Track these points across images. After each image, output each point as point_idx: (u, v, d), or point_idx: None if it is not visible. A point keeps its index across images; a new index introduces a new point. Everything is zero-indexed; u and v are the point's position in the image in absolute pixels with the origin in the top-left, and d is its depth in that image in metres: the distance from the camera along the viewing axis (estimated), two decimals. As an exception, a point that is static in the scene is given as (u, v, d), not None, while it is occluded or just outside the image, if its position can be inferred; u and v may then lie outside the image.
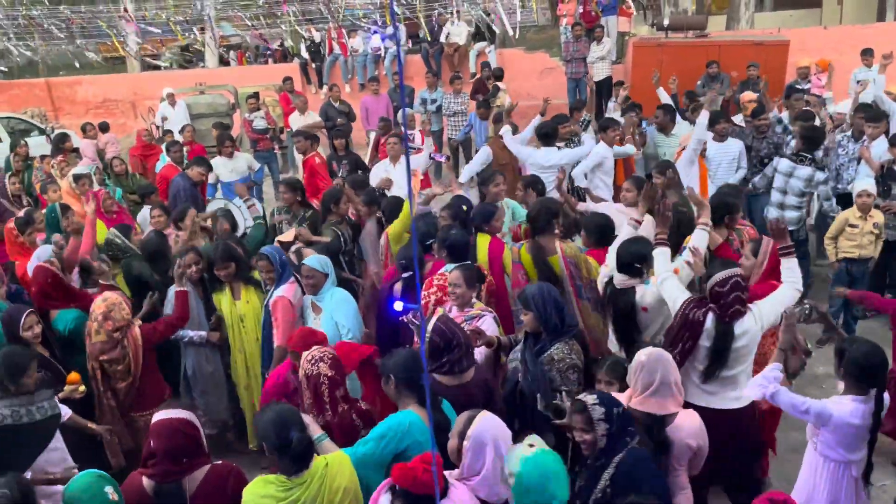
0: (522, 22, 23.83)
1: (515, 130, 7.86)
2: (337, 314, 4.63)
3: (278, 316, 4.73)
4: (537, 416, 3.63)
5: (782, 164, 6.72)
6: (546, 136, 7.15)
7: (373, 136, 9.98)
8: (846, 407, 3.32)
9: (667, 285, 3.94)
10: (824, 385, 5.33)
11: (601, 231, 4.91)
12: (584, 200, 6.34)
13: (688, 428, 3.32)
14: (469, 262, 4.60)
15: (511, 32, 13.88)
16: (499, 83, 11.91)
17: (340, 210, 6.05)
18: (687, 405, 3.51)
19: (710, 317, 3.73)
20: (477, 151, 11.08)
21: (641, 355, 3.31)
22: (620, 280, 4.18)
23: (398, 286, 4.67)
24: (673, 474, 3.32)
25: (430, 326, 3.52)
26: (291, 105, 11.66)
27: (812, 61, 10.33)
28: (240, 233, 6.46)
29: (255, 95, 11.50)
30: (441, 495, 2.63)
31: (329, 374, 3.42)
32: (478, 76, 12.32)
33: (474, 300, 4.31)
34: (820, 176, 6.59)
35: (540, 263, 4.66)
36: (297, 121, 10.95)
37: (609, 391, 3.42)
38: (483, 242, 5.09)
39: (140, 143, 10.13)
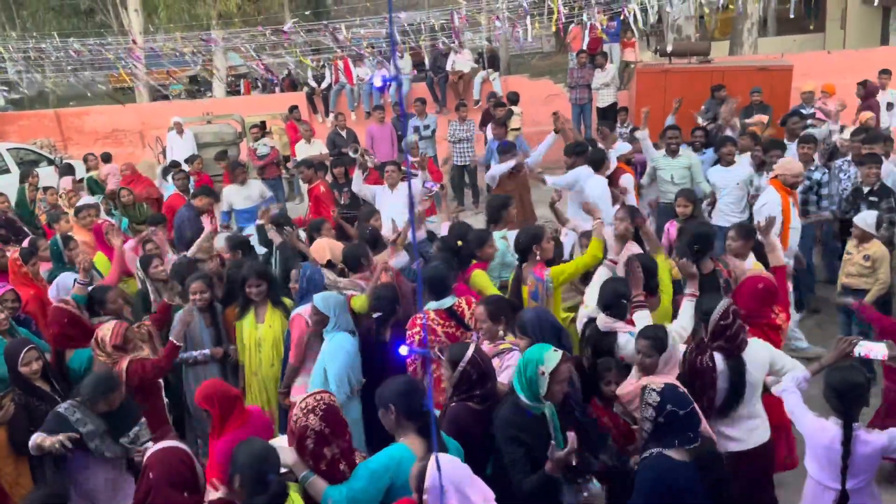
0: (527, 49, 24.11)
1: None
2: (328, 363, 4.42)
3: (294, 334, 4.72)
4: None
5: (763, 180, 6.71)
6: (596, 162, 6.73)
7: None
8: (818, 426, 3.39)
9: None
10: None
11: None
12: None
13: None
14: (494, 295, 4.54)
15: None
16: (513, 107, 12.00)
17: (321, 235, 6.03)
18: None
19: (719, 357, 3.70)
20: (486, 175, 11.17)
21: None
22: (604, 321, 4.11)
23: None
24: None
25: (466, 356, 3.45)
26: (298, 134, 11.75)
27: (816, 86, 10.34)
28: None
29: (261, 125, 11.59)
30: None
31: (317, 429, 3.01)
32: (484, 106, 12.38)
33: (503, 333, 4.15)
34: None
35: (514, 292, 4.69)
36: (303, 149, 11.03)
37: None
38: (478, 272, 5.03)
39: (125, 177, 10.15)
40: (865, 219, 5.80)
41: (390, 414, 3.14)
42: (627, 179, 6.86)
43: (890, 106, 10.31)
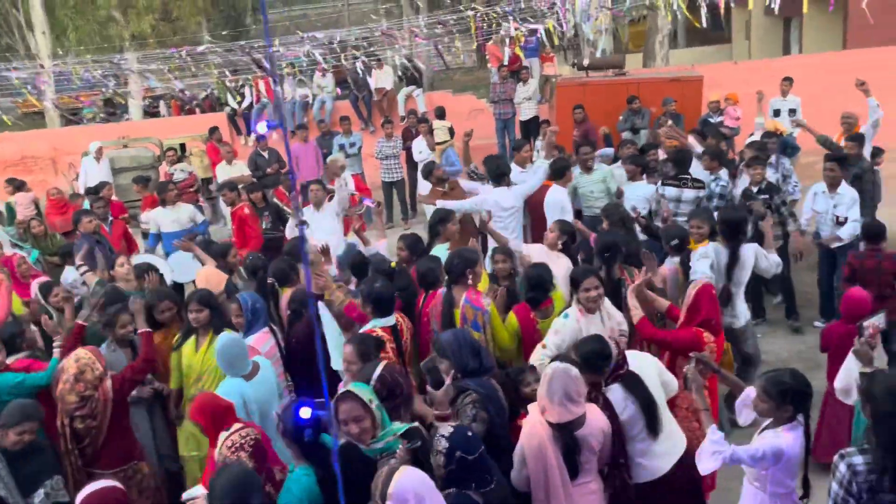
0: (449, 64, 24.35)
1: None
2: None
3: None
4: None
5: (668, 191, 6.97)
6: (501, 175, 6.93)
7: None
8: (788, 438, 3.31)
9: None
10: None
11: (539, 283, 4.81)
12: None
13: (593, 424, 3.45)
14: (363, 333, 4.29)
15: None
16: (441, 121, 12.10)
17: (228, 263, 5.97)
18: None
19: (615, 388, 3.66)
20: (410, 190, 11.26)
21: (549, 369, 3.40)
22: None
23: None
24: (584, 475, 3.44)
25: (375, 375, 3.44)
26: (219, 155, 11.51)
27: (722, 95, 10.83)
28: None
29: (179, 148, 11.31)
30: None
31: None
32: (405, 125, 12.45)
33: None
34: (701, 193, 6.92)
35: (445, 315, 4.60)
36: (224, 171, 10.80)
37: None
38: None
39: (50, 202, 9.76)
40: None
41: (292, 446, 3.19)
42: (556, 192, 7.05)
43: (792, 112, 10.85)
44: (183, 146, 13.13)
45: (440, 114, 12.43)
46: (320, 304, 4.57)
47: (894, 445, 2.85)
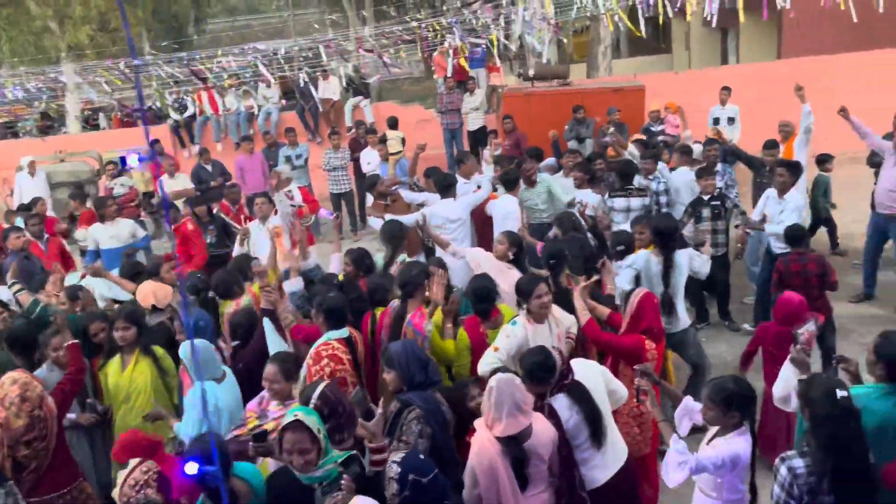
0: (397, 75, 24.33)
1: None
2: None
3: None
4: None
5: (617, 202, 7.18)
6: (448, 187, 6.99)
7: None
8: (740, 443, 3.34)
9: None
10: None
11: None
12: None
13: (541, 434, 3.44)
14: (283, 352, 4.25)
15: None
16: (394, 131, 12.10)
17: (162, 280, 5.79)
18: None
19: (560, 397, 3.67)
20: (359, 202, 11.19)
21: (493, 381, 3.38)
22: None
23: None
24: (534, 486, 3.43)
25: (316, 393, 3.38)
26: (161, 169, 11.24)
27: (662, 104, 11.08)
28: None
29: (118, 161, 11.01)
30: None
31: (158, 500, 2.98)
32: (353, 135, 12.38)
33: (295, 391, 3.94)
34: (647, 201, 7.18)
35: (395, 327, 4.55)
36: (166, 185, 10.55)
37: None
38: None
39: None
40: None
41: None
42: (489, 204, 7.11)
43: (731, 120, 11.16)
44: (123, 159, 12.78)
45: (393, 124, 12.45)
46: (265, 320, 4.48)
47: (833, 448, 2.92)
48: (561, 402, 3.64)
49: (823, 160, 8.75)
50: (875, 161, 8.38)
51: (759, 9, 11.32)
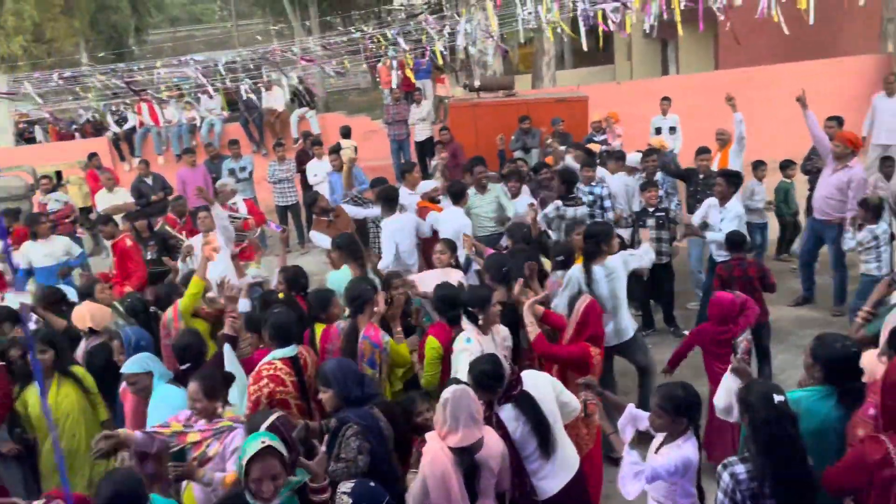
0: (343, 86, 24.21)
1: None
2: (152, 419, 4.08)
3: (126, 409, 4.32)
4: None
5: (569, 211, 7.25)
6: (390, 200, 6.98)
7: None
8: (689, 448, 3.38)
9: None
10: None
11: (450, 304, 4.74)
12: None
13: (491, 447, 3.43)
14: (209, 368, 4.14)
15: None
16: (347, 140, 12.00)
17: (98, 301, 5.66)
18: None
19: (508, 408, 3.64)
20: (306, 215, 11.03)
21: (446, 393, 3.36)
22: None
23: None
24: (483, 499, 3.42)
25: (266, 424, 3.29)
26: (100, 182, 10.91)
27: (603, 114, 11.26)
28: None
29: (53, 175, 10.65)
30: None
31: None
32: (300, 147, 12.23)
33: (222, 409, 3.84)
34: (586, 210, 7.29)
35: (347, 349, 4.42)
36: (105, 199, 10.25)
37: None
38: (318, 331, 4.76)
39: None
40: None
41: None
42: (433, 217, 7.16)
43: (672, 130, 11.41)
44: (59, 174, 12.40)
45: (346, 133, 12.39)
46: (226, 346, 4.36)
47: (771, 452, 2.97)
48: (508, 413, 3.63)
49: (785, 166, 8.98)
50: (807, 168, 8.65)
51: (696, 21, 11.62)
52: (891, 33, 13.38)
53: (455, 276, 5.45)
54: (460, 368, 4.11)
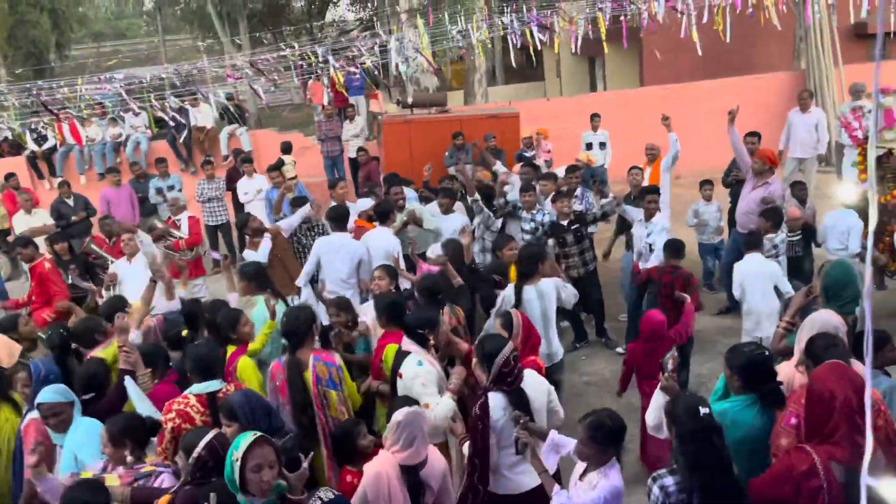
0: (275, 101, 23.90)
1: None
2: (80, 451, 3.89)
3: (28, 441, 4.07)
4: None
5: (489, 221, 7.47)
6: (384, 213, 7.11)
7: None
8: (615, 476, 3.34)
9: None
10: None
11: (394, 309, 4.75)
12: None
13: (434, 464, 3.60)
14: (121, 414, 3.96)
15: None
16: (287, 156, 11.84)
17: (21, 335, 5.47)
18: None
19: (495, 395, 3.70)
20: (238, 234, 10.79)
21: (399, 415, 3.47)
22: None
23: None
24: None
25: (202, 444, 3.24)
26: (17, 204, 10.45)
27: (533, 130, 11.45)
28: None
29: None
30: None
31: None
32: (230, 164, 11.99)
33: (131, 458, 3.66)
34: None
35: (294, 382, 4.19)
36: (23, 221, 9.83)
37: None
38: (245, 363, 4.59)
39: None
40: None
41: None
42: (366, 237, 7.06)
43: (602, 145, 11.69)
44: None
45: (286, 148, 12.24)
46: (127, 380, 4.17)
47: (697, 464, 3.03)
48: (496, 401, 3.70)
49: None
50: (728, 182, 8.96)
51: (620, 39, 11.96)
52: (803, 51, 14.04)
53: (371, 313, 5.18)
54: (417, 394, 4.01)
